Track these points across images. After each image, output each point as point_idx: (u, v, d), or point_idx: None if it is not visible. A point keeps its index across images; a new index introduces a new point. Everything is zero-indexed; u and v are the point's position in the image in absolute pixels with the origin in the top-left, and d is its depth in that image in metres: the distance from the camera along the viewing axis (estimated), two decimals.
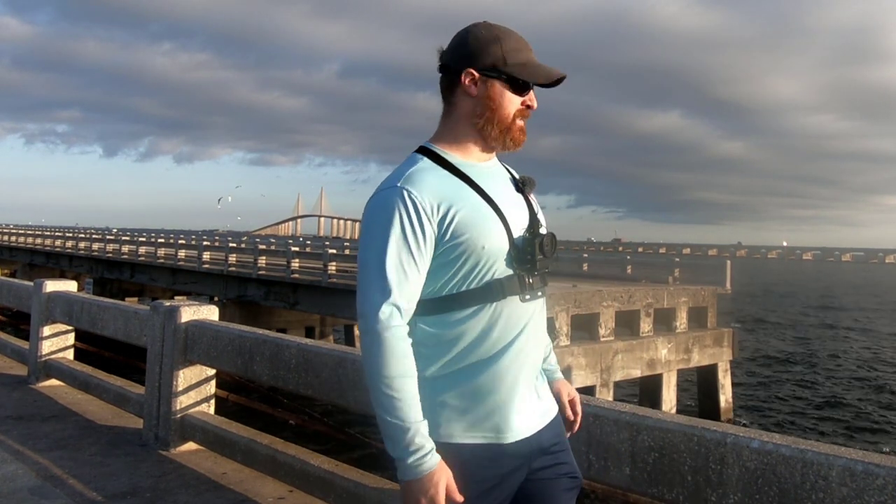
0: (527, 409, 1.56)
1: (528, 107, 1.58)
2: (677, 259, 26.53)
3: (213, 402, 4.20)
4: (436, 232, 1.47)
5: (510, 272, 1.52)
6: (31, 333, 5.94)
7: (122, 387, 4.89)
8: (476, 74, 1.55)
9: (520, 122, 1.58)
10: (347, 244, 37.18)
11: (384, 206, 1.47)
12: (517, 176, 1.67)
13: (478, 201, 1.52)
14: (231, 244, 25.88)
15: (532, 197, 1.65)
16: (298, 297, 20.92)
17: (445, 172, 1.53)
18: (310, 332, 23.05)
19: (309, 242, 37.70)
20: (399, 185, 1.48)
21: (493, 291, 1.50)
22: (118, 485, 3.46)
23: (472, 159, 1.59)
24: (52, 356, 5.72)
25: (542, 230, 1.59)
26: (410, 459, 1.41)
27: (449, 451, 1.48)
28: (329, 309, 20.46)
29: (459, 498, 1.44)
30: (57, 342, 5.79)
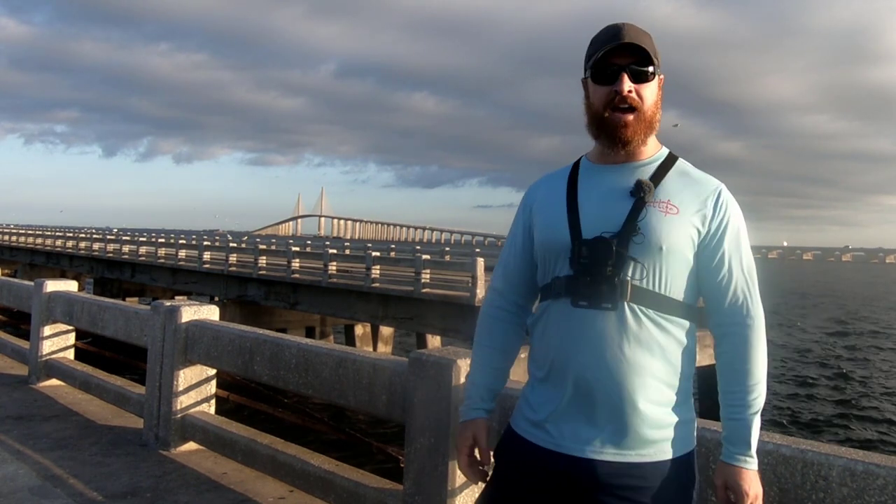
0: (566, 423, 1.48)
1: (618, 92, 1.49)
2: None
3: (213, 402, 4.21)
4: (530, 223, 1.63)
5: (570, 273, 1.48)
6: (31, 333, 5.94)
7: (122, 387, 4.89)
8: (583, 83, 1.59)
9: (613, 113, 1.50)
10: (348, 244, 37.20)
11: None
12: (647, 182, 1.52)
13: (559, 196, 1.56)
14: (231, 244, 25.87)
15: (657, 204, 1.48)
16: (298, 297, 20.92)
17: (563, 174, 1.62)
18: (310, 332, 23.04)
19: (309, 242, 37.70)
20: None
21: (551, 290, 1.54)
22: (118, 485, 3.46)
23: (600, 161, 1.58)
24: (53, 356, 5.73)
25: (634, 240, 1.45)
26: (461, 406, 1.72)
27: (505, 428, 1.63)
28: (329, 309, 20.44)
29: (484, 454, 1.63)
30: (57, 342, 5.79)
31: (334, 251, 21.60)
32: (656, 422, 1.46)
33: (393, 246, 31.42)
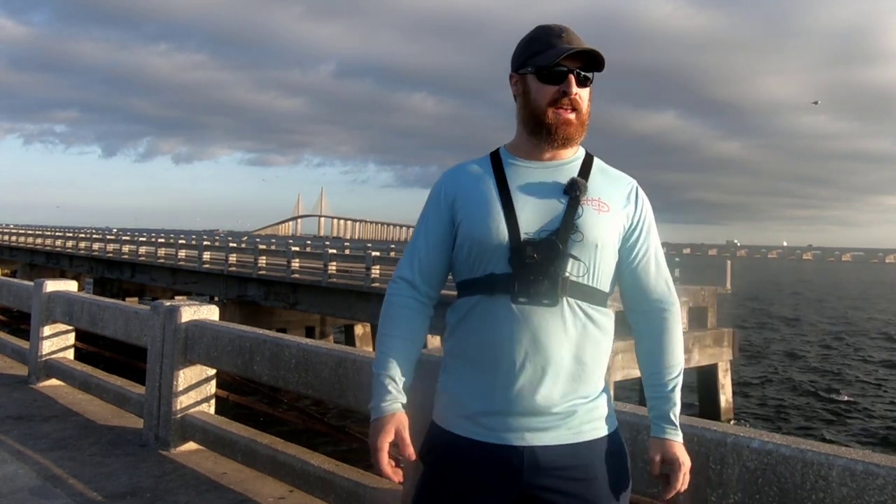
0: (504, 415, 1.51)
1: (565, 93, 1.54)
2: (677, 259, 26.55)
3: (213, 402, 4.20)
4: (451, 217, 1.60)
5: (507, 270, 1.51)
6: (31, 333, 5.94)
7: (122, 387, 4.89)
8: (515, 76, 1.62)
9: (559, 111, 1.55)
10: (347, 244, 37.19)
11: (430, 192, 1.69)
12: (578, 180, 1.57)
13: (489, 195, 1.56)
14: (231, 244, 25.89)
15: (591, 202, 1.56)
16: (298, 297, 20.93)
17: (484, 167, 1.62)
18: (310, 332, 23.06)
19: (309, 242, 37.72)
20: (445, 171, 1.68)
21: (484, 285, 1.53)
22: (118, 485, 3.46)
23: (527, 158, 1.61)
24: (53, 356, 5.73)
25: (573, 238, 1.51)
26: (370, 403, 1.60)
27: (428, 429, 1.62)
28: (329, 309, 20.46)
29: (408, 449, 1.56)
30: (57, 342, 5.79)
31: (334, 251, 21.62)
32: (591, 405, 1.56)
33: (393, 246, 31.46)
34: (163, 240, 30.44)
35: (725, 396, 18.28)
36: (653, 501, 2.29)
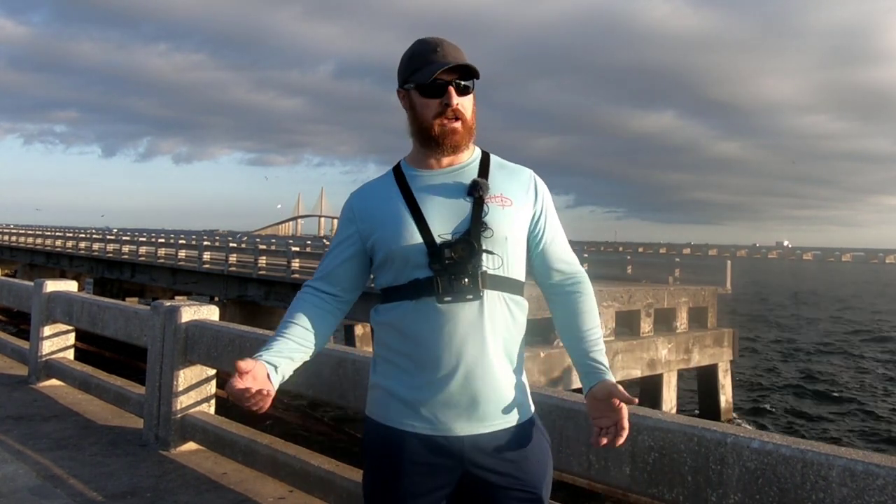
0: (443, 408, 1.59)
1: (447, 105, 1.63)
2: (677, 259, 26.55)
3: (213, 402, 4.21)
4: (359, 233, 1.69)
5: (429, 274, 1.59)
6: (31, 333, 5.95)
7: (122, 387, 4.89)
8: (402, 92, 1.70)
9: (444, 122, 1.63)
10: None
11: (341, 213, 1.78)
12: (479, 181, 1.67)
13: (398, 206, 1.65)
14: (231, 244, 25.88)
15: (494, 199, 1.64)
16: None
17: (388, 182, 1.71)
18: None
19: (309, 242, 37.73)
20: (352, 192, 1.77)
21: (409, 290, 1.61)
22: (118, 485, 3.46)
23: (423, 167, 1.70)
24: (53, 356, 5.73)
25: (484, 235, 1.60)
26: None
27: (367, 425, 1.71)
28: None
29: (261, 383, 1.59)
30: (57, 342, 5.79)
31: None
32: (516, 390, 1.66)
33: None
34: (163, 240, 30.42)
35: (725, 396, 18.27)
36: (653, 502, 2.29)
